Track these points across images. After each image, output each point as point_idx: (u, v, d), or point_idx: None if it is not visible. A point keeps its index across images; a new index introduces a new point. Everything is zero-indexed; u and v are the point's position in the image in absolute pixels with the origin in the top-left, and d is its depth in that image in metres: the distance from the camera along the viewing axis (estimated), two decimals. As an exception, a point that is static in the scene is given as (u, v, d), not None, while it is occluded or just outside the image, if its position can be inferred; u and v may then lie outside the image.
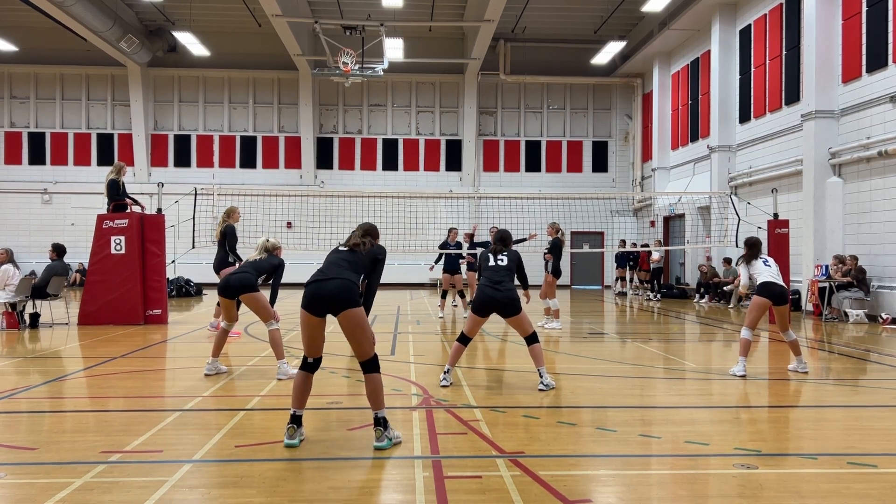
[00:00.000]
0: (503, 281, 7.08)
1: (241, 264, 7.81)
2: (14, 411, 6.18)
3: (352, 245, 5.20)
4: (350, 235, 5.35)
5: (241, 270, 7.71)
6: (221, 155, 27.81)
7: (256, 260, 7.80)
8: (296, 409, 5.04)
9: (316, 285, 4.89)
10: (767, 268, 8.13)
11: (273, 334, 7.72)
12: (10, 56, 26.27)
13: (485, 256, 7.41)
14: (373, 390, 4.95)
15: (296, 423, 5.01)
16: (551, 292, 12.64)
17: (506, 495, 4.02)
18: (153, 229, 13.30)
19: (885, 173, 14.23)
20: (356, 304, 4.87)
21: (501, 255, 7.30)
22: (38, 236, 25.51)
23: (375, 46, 21.47)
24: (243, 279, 7.58)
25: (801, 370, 8.08)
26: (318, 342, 5.03)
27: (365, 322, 4.93)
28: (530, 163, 28.47)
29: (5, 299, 11.99)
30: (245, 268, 7.75)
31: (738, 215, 16.16)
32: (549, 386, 7.03)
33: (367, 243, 5.23)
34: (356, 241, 5.20)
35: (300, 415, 5.06)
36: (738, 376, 7.80)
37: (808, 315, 15.27)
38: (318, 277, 4.93)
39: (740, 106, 20.01)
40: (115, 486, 4.13)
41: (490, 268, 7.22)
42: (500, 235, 7.54)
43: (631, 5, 22.70)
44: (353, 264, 5.06)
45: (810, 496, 4.05)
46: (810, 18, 15.84)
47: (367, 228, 5.40)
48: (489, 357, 9.36)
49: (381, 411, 4.95)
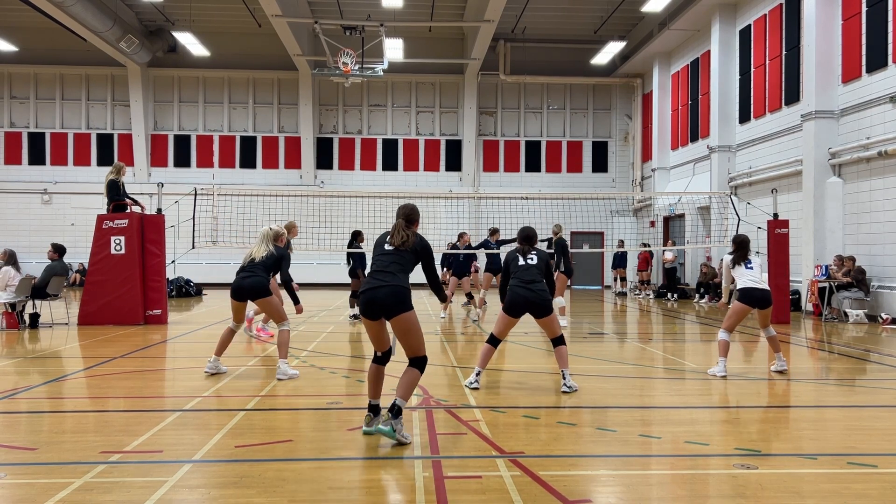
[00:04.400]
0: (535, 280, 7.01)
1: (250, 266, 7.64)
2: (14, 411, 6.18)
3: (397, 246, 5.31)
4: (393, 231, 5.38)
5: (253, 274, 7.60)
6: (221, 155, 27.81)
7: (264, 259, 7.67)
8: (372, 399, 5.34)
9: (370, 293, 5.17)
10: (749, 270, 7.97)
11: (282, 335, 7.72)
12: (10, 56, 26.27)
13: (513, 257, 7.22)
14: (408, 381, 5.16)
15: (373, 412, 5.29)
16: (560, 290, 12.80)
17: (506, 495, 4.02)
18: (153, 229, 13.29)
19: (885, 173, 14.22)
20: (407, 308, 5.14)
21: (531, 255, 7.18)
22: (38, 236, 25.49)
23: (375, 46, 21.47)
24: (255, 284, 7.53)
25: (780, 368, 8.04)
26: (382, 338, 5.34)
27: (416, 325, 5.19)
28: (530, 163, 28.47)
29: (5, 299, 11.99)
30: (257, 270, 7.62)
31: (737, 215, 16.15)
32: (572, 388, 6.92)
33: (410, 236, 5.33)
34: (400, 242, 5.30)
35: (376, 404, 5.33)
36: (718, 377, 7.75)
37: (808, 315, 15.27)
38: (371, 286, 5.19)
39: (740, 106, 20.01)
40: (115, 486, 4.12)
41: (520, 268, 7.10)
42: (525, 234, 7.37)
43: (631, 5, 22.69)
44: (400, 266, 5.26)
45: (810, 496, 4.05)
46: (810, 18, 15.84)
47: (408, 214, 5.46)
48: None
49: (403, 401, 5.06)
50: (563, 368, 7.07)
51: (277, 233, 7.91)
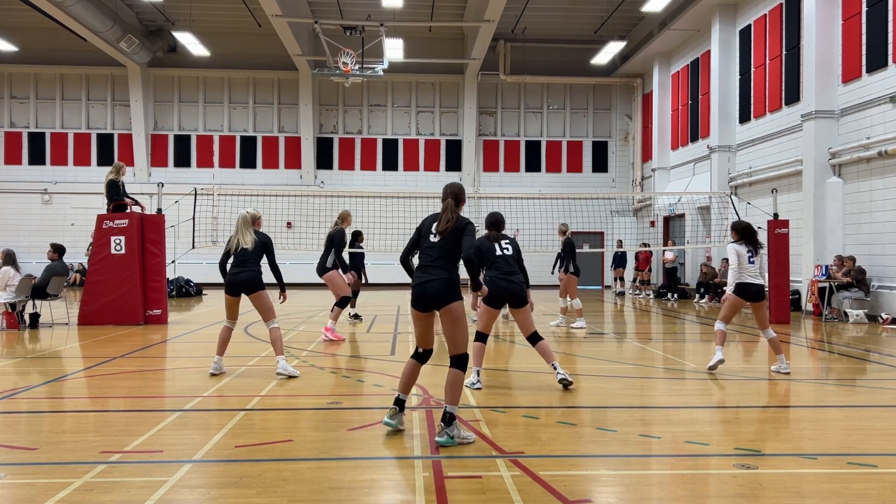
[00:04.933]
0: (514, 272, 7.03)
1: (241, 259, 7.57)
2: (14, 411, 6.18)
3: (440, 233, 5.24)
4: (441, 216, 5.29)
5: (246, 269, 7.54)
6: (221, 155, 27.81)
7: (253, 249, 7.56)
8: (400, 394, 5.39)
9: (421, 287, 5.23)
10: (751, 265, 8.04)
11: (273, 332, 7.72)
12: (10, 56, 26.27)
13: (488, 246, 7.08)
14: (450, 383, 5.18)
15: (398, 406, 5.34)
16: (573, 291, 13.21)
17: (506, 495, 4.02)
18: (153, 229, 13.29)
19: (885, 173, 14.22)
20: (457, 297, 5.19)
21: (505, 244, 7.10)
22: (38, 236, 25.48)
23: (375, 46, 21.47)
24: (249, 278, 7.51)
25: (783, 370, 7.99)
26: (427, 334, 5.41)
27: (463, 317, 5.24)
28: (530, 163, 28.47)
29: (5, 299, 11.99)
30: (249, 264, 7.56)
31: (738, 215, 16.14)
32: (566, 378, 6.96)
33: (453, 221, 5.24)
34: (443, 229, 5.23)
35: (404, 399, 5.39)
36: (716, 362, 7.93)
37: (808, 315, 15.27)
38: (422, 280, 5.23)
39: (740, 106, 20.01)
40: (115, 486, 4.12)
41: (498, 258, 7.04)
42: (493, 219, 7.28)
43: (631, 5, 22.69)
44: (446, 258, 5.23)
45: (810, 496, 4.05)
46: (810, 18, 15.84)
47: (456, 193, 5.35)
48: (489, 357, 9.34)
49: (454, 408, 5.08)
50: (551, 362, 7.11)
51: (254, 216, 7.80)
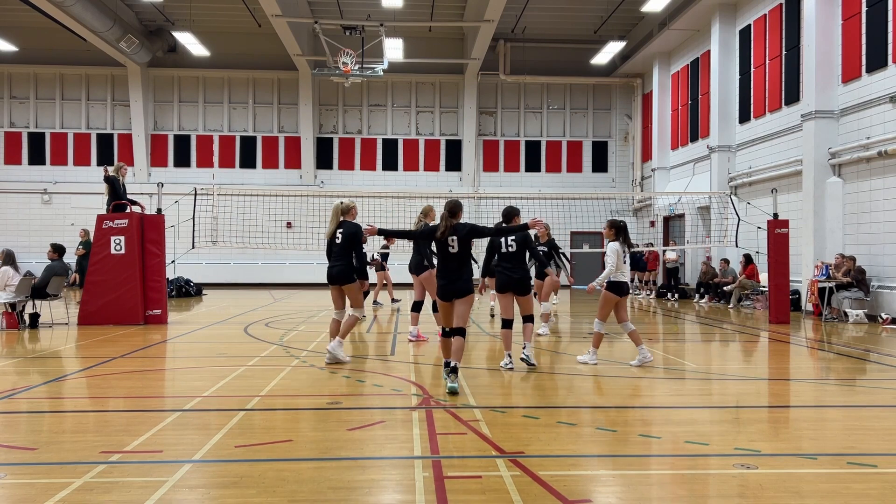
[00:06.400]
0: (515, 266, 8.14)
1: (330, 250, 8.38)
2: (14, 411, 6.18)
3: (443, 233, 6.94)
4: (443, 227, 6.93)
5: (338, 263, 8.29)
6: (221, 155, 27.80)
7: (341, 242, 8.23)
8: (450, 360, 6.85)
9: (449, 286, 6.98)
10: (624, 264, 8.39)
11: (351, 319, 8.33)
12: (10, 56, 26.25)
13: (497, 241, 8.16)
14: (459, 347, 6.88)
15: (453, 372, 6.72)
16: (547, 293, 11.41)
17: (506, 495, 4.02)
18: (153, 229, 13.28)
19: (885, 173, 14.22)
20: (469, 292, 6.98)
21: (510, 240, 8.08)
22: (38, 236, 25.45)
23: (375, 46, 21.47)
24: (340, 272, 8.30)
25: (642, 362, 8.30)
26: (451, 316, 7.03)
27: (471, 304, 6.99)
28: (530, 163, 28.46)
29: (5, 299, 11.99)
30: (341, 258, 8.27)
31: (737, 215, 16.15)
32: (529, 357, 7.95)
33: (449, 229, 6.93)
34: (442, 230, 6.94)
35: (454, 364, 6.78)
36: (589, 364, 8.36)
37: (808, 315, 15.27)
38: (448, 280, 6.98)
39: (740, 106, 20.01)
40: (115, 486, 4.12)
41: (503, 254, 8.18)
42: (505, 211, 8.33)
43: (631, 5, 22.69)
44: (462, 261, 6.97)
45: (810, 496, 4.05)
46: (810, 18, 15.84)
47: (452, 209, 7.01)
48: (490, 357, 9.34)
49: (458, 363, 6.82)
50: (526, 341, 8.11)
51: (348, 206, 8.43)
